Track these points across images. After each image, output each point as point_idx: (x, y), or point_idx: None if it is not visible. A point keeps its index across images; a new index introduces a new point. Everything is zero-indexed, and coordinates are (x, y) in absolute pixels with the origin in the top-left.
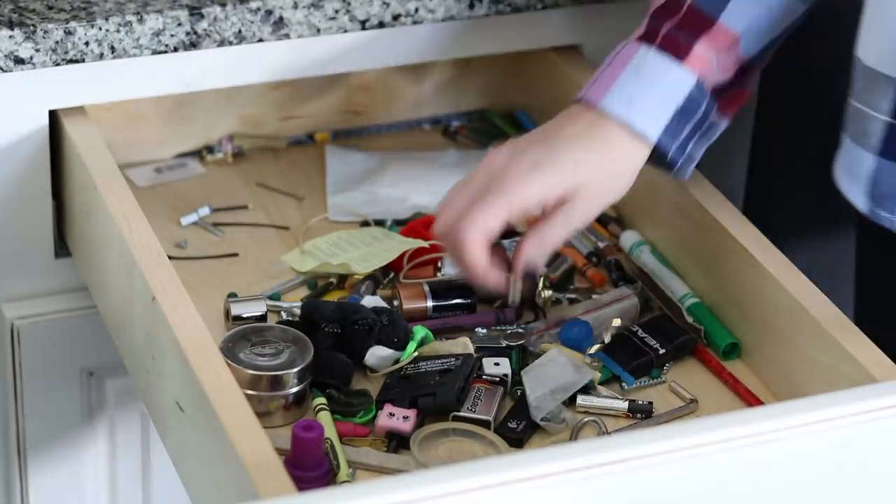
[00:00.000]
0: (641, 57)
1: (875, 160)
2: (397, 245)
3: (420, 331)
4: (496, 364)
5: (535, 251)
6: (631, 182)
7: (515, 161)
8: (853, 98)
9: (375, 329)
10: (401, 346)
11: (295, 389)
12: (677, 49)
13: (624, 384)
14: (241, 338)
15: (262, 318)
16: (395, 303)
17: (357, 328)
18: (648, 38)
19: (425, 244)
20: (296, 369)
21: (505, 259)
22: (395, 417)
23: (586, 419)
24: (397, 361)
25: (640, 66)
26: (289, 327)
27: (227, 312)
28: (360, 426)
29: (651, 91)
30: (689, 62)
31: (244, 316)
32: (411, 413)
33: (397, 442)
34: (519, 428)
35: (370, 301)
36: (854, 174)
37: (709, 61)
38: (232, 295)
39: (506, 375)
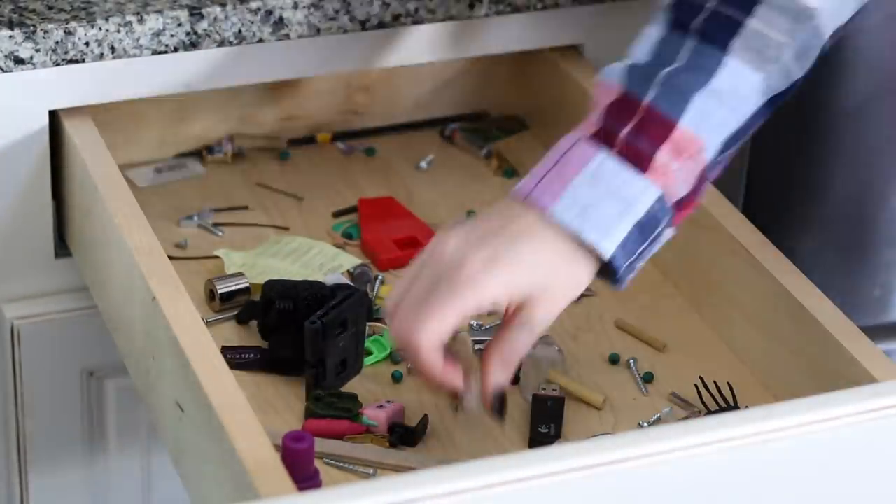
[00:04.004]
0: (599, 163)
1: None
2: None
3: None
4: None
5: (501, 376)
6: (582, 289)
7: (469, 256)
8: None
9: (328, 304)
10: (357, 323)
11: None
12: (639, 158)
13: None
14: None
15: (246, 290)
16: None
17: (307, 303)
18: (606, 140)
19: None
20: None
21: (465, 354)
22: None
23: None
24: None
25: (598, 172)
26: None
27: (213, 293)
28: (356, 423)
29: (609, 202)
30: (651, 174)
31: (231, 290)
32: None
33: (398, 437)
34: (552, 432)
35: (332, 279)
36: None
37: (672, 172)
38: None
39: None
